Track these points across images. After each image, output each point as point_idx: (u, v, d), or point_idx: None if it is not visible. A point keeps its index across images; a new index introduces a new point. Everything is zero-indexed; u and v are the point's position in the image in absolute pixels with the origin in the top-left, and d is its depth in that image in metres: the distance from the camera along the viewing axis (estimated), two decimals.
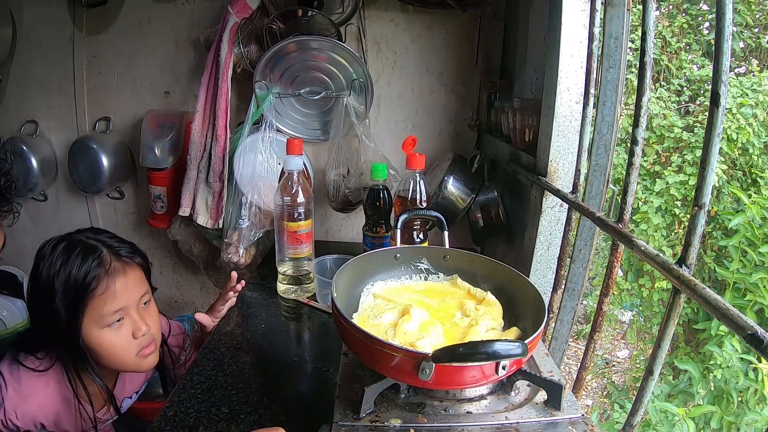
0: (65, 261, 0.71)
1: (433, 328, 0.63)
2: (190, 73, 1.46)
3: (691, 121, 2.85)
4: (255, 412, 0.74)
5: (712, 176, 0.49)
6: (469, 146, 1.45)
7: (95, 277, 0.72)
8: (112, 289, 0.73)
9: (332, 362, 0.87)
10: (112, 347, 0.75)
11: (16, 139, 1.45)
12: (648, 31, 0.60)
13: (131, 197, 1.60)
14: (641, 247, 0.57)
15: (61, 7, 1.42)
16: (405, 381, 0.57)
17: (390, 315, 0.66)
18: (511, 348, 0.47)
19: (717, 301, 0.44)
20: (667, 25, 3.12)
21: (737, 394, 1.95)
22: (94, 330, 0.73)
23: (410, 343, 0.58)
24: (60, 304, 0.70)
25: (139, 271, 0.80)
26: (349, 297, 0.71)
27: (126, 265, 0.77)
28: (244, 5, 1.27)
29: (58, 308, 0.70)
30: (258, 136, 1.27)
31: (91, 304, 0.72)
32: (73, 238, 0.75)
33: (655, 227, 2.73)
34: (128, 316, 0.76)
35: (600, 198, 0.93)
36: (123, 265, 0.76)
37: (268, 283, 1.19)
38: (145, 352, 0.79)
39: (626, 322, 3.25)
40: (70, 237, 0.76)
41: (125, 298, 0.75)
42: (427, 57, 1.41)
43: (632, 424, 0.58)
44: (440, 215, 0.88)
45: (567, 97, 0.85)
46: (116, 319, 0.75)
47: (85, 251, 0.73)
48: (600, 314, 0.69)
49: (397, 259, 0.78)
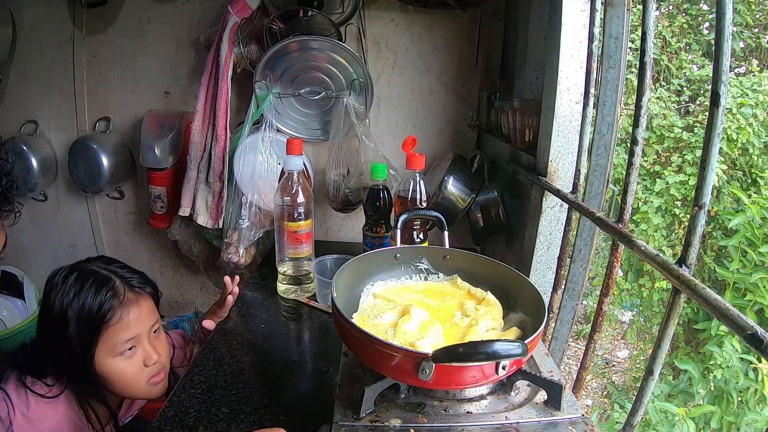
0: (78, 291, 0.73)
1: (433, 328, 0.63)
2: (190, 73, 1.46)
3: (691, 121, 2.85)
4: (255, 412, 0.74)
5: (712, 176, 0.49)
6: (469, 146, 1.45)
7: (110, 308, 0.74)
8: (125, 319, 0.75)
9: (332, 362, 0.87)
10: (124, 375, 0.77)
11: (16, 139, 1.45)
12: (648, 31, 0.60)
13: (131, 197, 1.60)
14: (641, 247, 0.57)
15: (61, 7, 1.42)
16: (405, 381, 0.57)
17: (390, 315, 0.66)
18: (511, 348, 0.47)
19: (717, 301, 0.44)
20: (667, 25, 3.12)
21: (737, 394, 1.95)
22: (106, 359, 0.75)
23: (410, 343, 0.58)
24: (74, 333, 0.72)
25: (150, 301, 0.82)
26: (349, 297, 0.71)
27: (138, 295, 0.79)
28: (244, 5, 1.27)
29: (72, 337, 0.72)
30: (258, 136, 1.27)
31: (105, 334, 0.74)
32: (84, 268, 0.77)
33: (655, 227, 2.73)
34: (140, 344, 0.78)
35: (600, 198, 0.93)
36: (136, 295, 0.78)
37: (268, 283, 1.19)
38: (155, 380, 0.80)
39: (626, 322, 3.25)
40: (81, 267, 0.77)
41: (138, 327, 0.77)
42: (427, 57, 1.41)
43: (632, 424, 0.58)
44: (440, 215, 0.88)
45: (567, 97, 0.85)
46: (128, 347, 0.77)
47: (98, 282, 0.75)
48: (600, 314, 0.69)
49: (397, 259, 0.78)
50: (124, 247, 1.65)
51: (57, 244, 1.65)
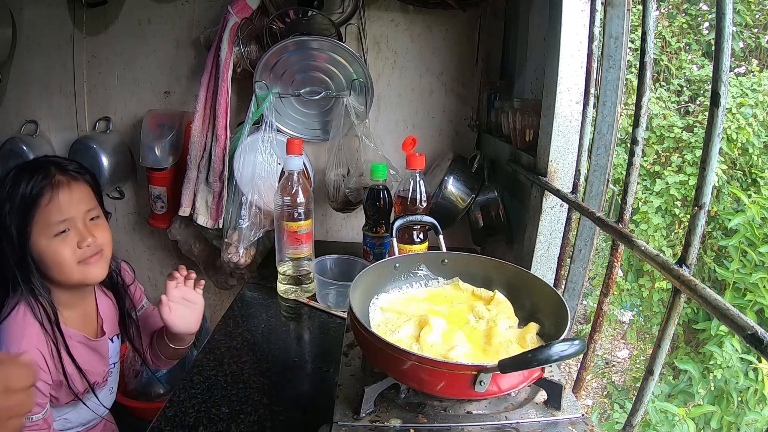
0: (14, 182, 0.76)
1: (456, 336, 0.61)
2: (190, 73, 1.46)
3: (691, 121, 2.85)
4: (255, 412, 0.74)
5: (712, 176, 0.49)
6: (469, 146, 1.45)
7: (41, 189, 0.76)
8: (56, 200, 0.77)
9: (332, 362, 0.87)
10: (57, 256, 0.78)
11: (16, 139, 1.45)
12: (648, 31, 0.60)
13: (131, 197, 1.60)
14: (641, 247, 0.57)
15: (61, 7, 1.42)
16: (455, 396, 0.56)
17: (407, 328, 0.64)
18: (572, 348, 0.47)
19: (717, 301, 0.44)
20: (667, 25, 3.12)
21: (737, 394, 1.95)
22: (41, 240, 0.77)
23: (443, 355, 0.58)
24: (10, 221, 0.75)
25: (86, 188, 0.83)
26: (361, 317, 0.68)
27: (72, 179, 0.80)
28: (244, 5, 1.27)
29: (8, 226, 0.75)
30: (258, 136, 1.27)
31: (38, 215, 0.76)
32: (23, 163, 0.80)
33: (655, 227, 2.73)
34: (74, 227, 0.79)
35: (600, 198, 0.93)
36: (69, 179, 0.80)
37: (268, 283, 1.19)
38: (89, 260, 0.81)
39: (626, 322, 3.24)
40: (21, 163, 0.81)
41: (71, 210, 0.79)
42: (427, 57, 1.41)
43: (632, 424, 0.58)
44: (434, 220, 0.86)
45: (567, 97, 0.85)
46: (62, 229, 0.78)
47: (32, 169, 0.78)
48: (600, 314, 0.69)
49: (397, 269, 0.76)
50: (124, 247, 1.65)
51: None
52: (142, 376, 1.45)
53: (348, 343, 0.69)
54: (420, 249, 1.00)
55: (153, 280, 1.70)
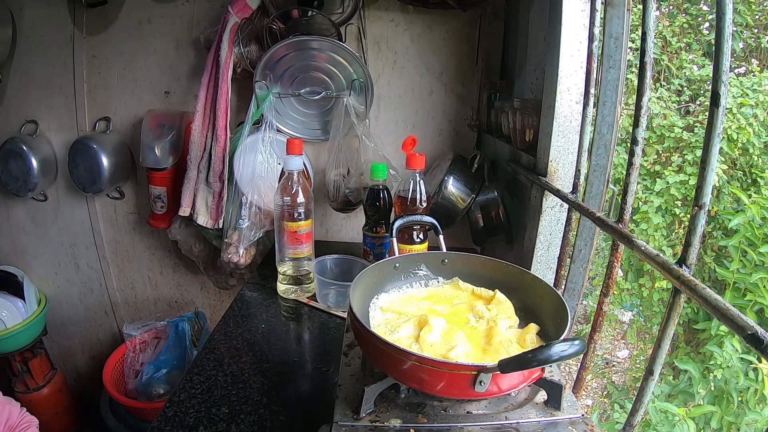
0: None
1: (456, 336, 0.62)
2: (190, 73, 1.46)
3: (691, 121, 2.85)
4: (255, 412, 0.74)
5: (712, 176, 0.49)
6: (469, 146, 1.45)
7: None
8: None
9: (332, 362, 0.87)
10: None
11: (16, 139, 1.45)
12: (648, 31, 0.60)
13: (131, 197, 1.60)
14: (641, 247, 0.56)
15: (61, 7, 1.42)
16: (456, 396, 0.56)
17: (407, 328, 0.64)
18: (572, 348, 0.47)
19: (717, 301, 0.44)
20: (667, 25, 3.12)
21: (737, 394, 1.95)
22: None
23: (443, 355, 0.58)
24: None
25: None
26: (361, 317, 0.69)
27: None
28: (244, 5, 1.27)
29: None
30: (258, 136, 1.27)
31: None
32: None
33: (655, 227, 2.73)
34: None
35: (600, 198, 0.93)
36: None
37: (268, 283, 1.19)
38: None
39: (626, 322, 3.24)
40: None
41: None
42: (427, 57, 1.41)
43: (632, 424, 0.58)
44: (434, 220, 0.87)
45: (567, 97, 0.85)
46: None
47: None
48: (600, 314, 0.69)
49: (397, 269, 0.76)
50: (124, 247, 1.65)
51: (57, 244, 1.64)
52: (142, 376, 1.45)
53: (348, 343, 0.69)
54: (420, 249, 1.00)
55: (153, 280, 1.70)
